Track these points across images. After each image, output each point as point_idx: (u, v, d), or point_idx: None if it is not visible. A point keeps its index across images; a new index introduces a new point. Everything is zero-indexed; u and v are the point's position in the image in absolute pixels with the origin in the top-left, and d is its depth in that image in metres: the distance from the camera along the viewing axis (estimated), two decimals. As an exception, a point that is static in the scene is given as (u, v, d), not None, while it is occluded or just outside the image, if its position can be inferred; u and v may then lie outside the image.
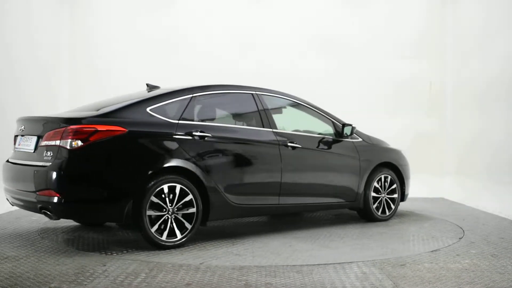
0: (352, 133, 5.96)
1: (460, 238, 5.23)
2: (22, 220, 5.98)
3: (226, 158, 4.98)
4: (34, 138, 4.62)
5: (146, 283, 3.57)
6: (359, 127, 6.17)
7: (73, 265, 4.00)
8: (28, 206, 4.58)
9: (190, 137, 4.73)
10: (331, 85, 9.53)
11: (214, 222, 5.93)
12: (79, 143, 4.23)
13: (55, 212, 4.28)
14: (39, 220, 6.00)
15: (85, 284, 3.51)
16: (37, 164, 4.43)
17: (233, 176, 5.01)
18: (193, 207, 4.64)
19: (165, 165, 4.54)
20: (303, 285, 3.58)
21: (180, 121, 4.77)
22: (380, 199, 6.14)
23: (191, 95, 4.97)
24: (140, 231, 4.46)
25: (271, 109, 5.55)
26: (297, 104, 5.85)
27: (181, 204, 4.60)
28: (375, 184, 6.07)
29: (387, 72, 9.68)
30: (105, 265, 4.01)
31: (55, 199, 4.21)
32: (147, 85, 5.47)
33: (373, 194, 6.06)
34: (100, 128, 4.32)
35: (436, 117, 9.74)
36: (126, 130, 4.41)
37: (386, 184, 6.19)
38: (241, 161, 5.11)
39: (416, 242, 5.04)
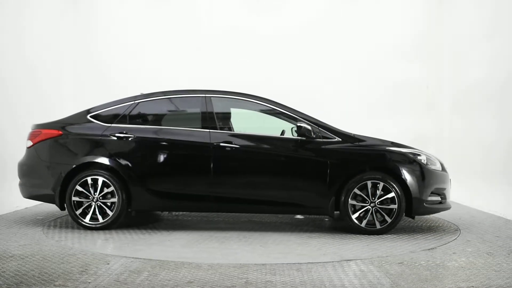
0: (304, 133, 5.40)
1: (456, 237, 5.31)
2: (27, 220, 6.06)
3: (148, 156, 5.54)
4: None
5: (148, 281, 3.64)
6: (357, 128, 6.00)
7: (77, 264, 4.07)
8: None
9: (114, 138, 5.49)
10: (328, 86, 9.57)
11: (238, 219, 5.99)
12: (30, 143, 5.65)
13: (20, 191, 5.76)
14: (44, 219, 6.08)
15: (89, 282, 3.58)
16: None
17: (154, 172, 5.54)
18: (115, 197, 5.42)
19: (87, 161, 5.49)
20: (302, 283, 3.64)
21: (113, 125, 5.56)
22: (366, 208, 5.37)
23: (132, 102, 5.69)
24: (68, 213, 5.46)
25: (220, 111, 5.74)
26: (261, 106, 5.72)
27: (108, 194, 5.42)
28: (356, 191, 5.35)
29: (385, 74, 9.71)
30: (108, 264, 4.09)
31: (18, 183, 5.75)
32: (141, 93, 5.88)
33: (353, 202, 5.36)
34: (43, 131, 5.61)
35: (433, 119, 9.81)
36: (61, 133, 5.56)
37: (377, 191, 5.34)
38: (163, 159, 5.53)
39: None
